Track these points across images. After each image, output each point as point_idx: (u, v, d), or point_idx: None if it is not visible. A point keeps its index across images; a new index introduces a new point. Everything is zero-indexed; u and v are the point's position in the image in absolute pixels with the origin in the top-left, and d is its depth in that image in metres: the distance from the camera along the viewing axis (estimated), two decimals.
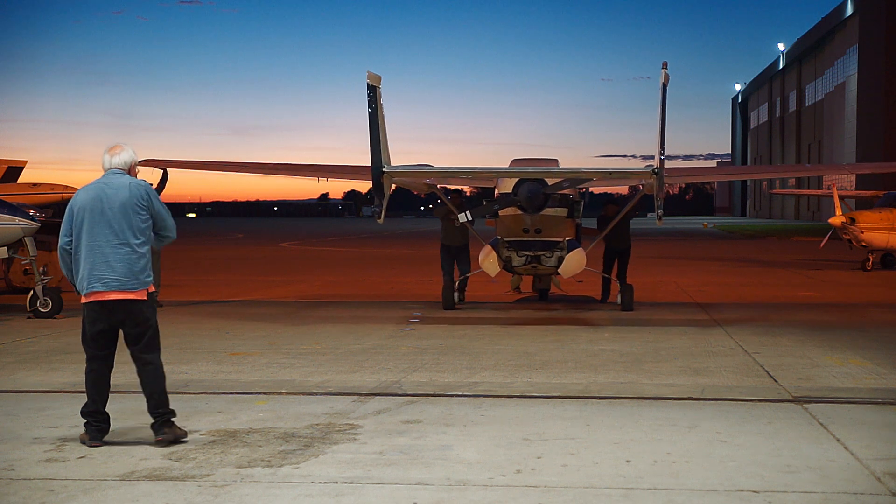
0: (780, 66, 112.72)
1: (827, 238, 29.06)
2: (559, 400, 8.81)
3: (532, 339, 12.91)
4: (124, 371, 10.35)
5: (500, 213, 15.36)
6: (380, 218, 14.36)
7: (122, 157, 7.40)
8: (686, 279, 23.50)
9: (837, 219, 26.35)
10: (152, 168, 17.31)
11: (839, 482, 6.20)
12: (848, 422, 7.87)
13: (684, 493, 5.97)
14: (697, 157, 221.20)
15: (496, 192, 15.94)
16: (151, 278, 7.34)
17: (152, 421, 7.24)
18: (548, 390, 9.25)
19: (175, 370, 10.41)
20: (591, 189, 17.31)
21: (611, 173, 14.53)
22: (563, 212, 15.39)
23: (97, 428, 7.19)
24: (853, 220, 25.96)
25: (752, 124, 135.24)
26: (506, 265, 15.64)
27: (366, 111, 13.69)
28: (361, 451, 6.94)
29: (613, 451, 6.93)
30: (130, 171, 7.47)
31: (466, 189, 18.50)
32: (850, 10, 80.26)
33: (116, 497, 5.92)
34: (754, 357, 11.24)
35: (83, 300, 7.24)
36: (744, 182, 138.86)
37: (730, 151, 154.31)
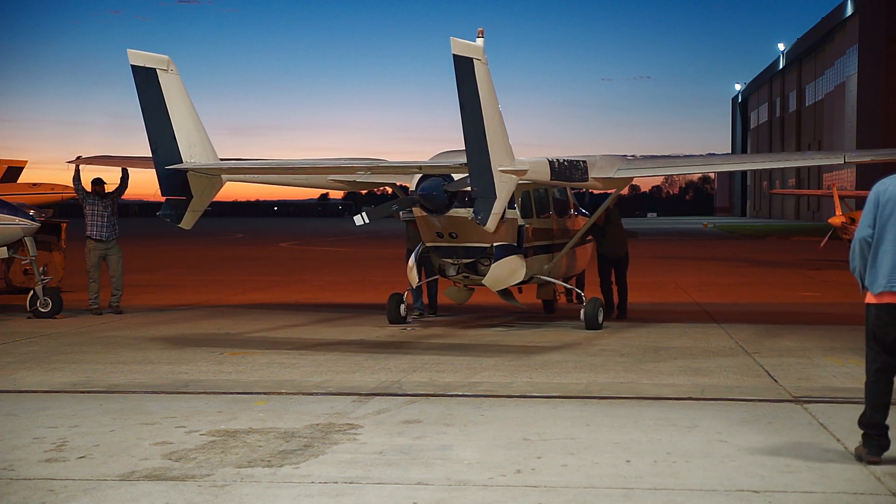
0: (780, 66, 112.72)
1: (827, 238, 29.08)
2: (559, 400, 8.81)
3: (532, 339, 12.91)
4: (124, 371, 10.39)
5: (415, 215, 13.51)
6: (181, 222, 12.32)
7: None
8: (686, 279, 23.50)
9: (837, 219, 26.41)
10: (85, 164, 16.62)
11: (839, 482, 6.20)
12: (848, 422, 7.84)
13: (684, 493, 5.97)
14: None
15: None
16: None
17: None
18: (548, 390, 9.25)
19: (175, 370, 10.43)
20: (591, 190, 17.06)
21: (421, 168, 12.71)
22: None
23: (878, 443, 6.65)
24: (853, 220, 25.98)
25: (752, 124, 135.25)
26: (441, 274, 13.96)
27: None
28: (361, 451, 6.94)
29: (613, 451, 6.93)
30: None
31: None
32: (850, 10, 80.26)
33: (116, 497, 5.92)
34: (754, 357, 11.24)
35: (872, 300, 6.69)
36: (744, 182, 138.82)
37: (730, 151, 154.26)
